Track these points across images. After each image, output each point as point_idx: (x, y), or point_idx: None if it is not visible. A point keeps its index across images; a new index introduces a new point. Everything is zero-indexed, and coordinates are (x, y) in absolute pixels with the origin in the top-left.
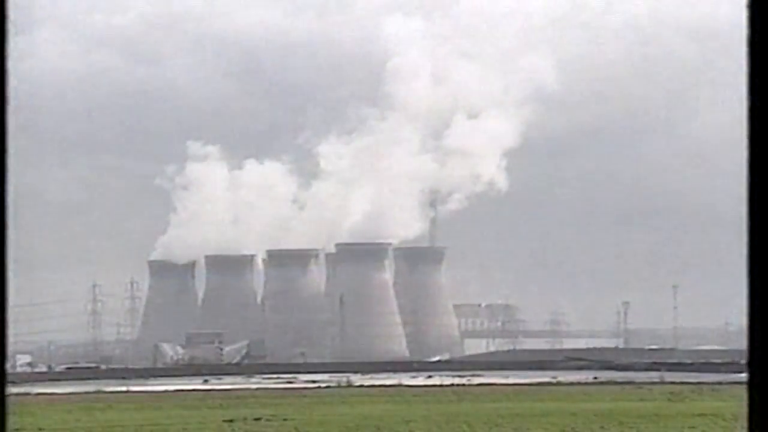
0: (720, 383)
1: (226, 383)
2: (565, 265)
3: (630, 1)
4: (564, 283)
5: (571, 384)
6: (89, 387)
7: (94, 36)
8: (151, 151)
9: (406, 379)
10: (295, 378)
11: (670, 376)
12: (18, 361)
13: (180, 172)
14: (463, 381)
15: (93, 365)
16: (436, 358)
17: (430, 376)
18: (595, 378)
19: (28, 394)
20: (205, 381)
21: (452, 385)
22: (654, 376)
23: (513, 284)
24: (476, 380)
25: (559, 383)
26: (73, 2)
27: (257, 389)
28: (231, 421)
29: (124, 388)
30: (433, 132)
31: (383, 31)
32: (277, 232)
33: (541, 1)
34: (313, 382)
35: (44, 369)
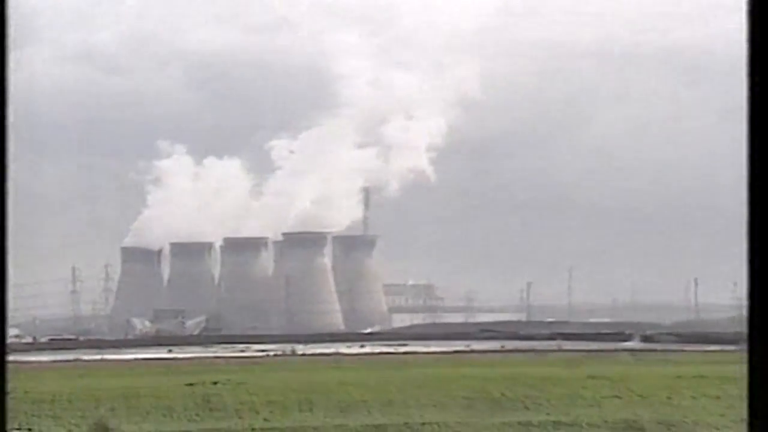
0: (609, 350)
1: (188, 352)
2: (479, 249)
3: (544, 22)
4: (477, 265)
5: (483, 352)
6: (69, 356)
7: (74, 51)
8: (125, 150)
9: (343, 348)
10: (247, 347)
11: (566, 345)
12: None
13: (150, 169)
14: (391, 350)
15: (72, 337)
16: (368, 330)
17: (363, 346)
18: (503, 346)
19: (15, 362)
20: (170, 350)
21: (382, 353)
22: (552, 344)
23: (434, 266)
24: (402, 349)
25: (472, 351)
26: (55, 21)
27: (215, 357)
28: (192, 384)
29: (99, 357)
30: (372, 131)
31: (328, 45)
32: (233, 221)
33: (467, 19)
34: (263, 351)
35: (30, 340)
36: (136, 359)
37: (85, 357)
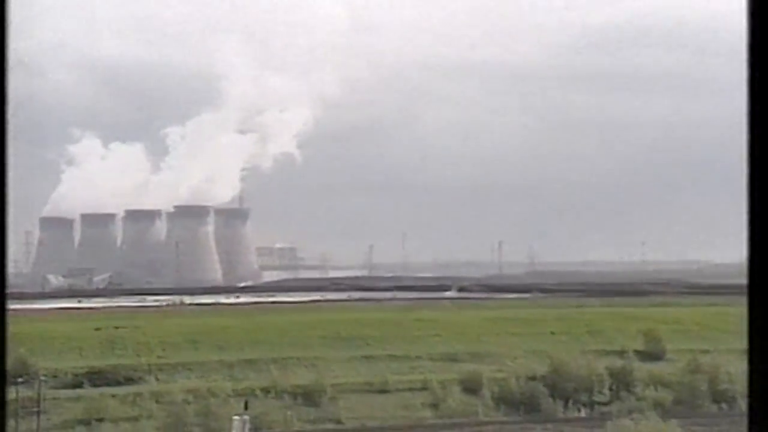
0: (433, 299)
1: (95, 303)
2: (333, 218)
3: (387, 37)
4: (331, 232)
5: (334, 301)
6: None
7: None
8: (43, 137)
9: (222, 299)
10: (144, 299)
11: (400, 295)
12: None
13: (64, 152)
14: (262, 300)
15: None
16: (243, 284)
17: (238, 297)
18: (350, 296)
19: None
20: (80, 301)
21: (254, 303)
22: (389, 294)
23: (297, 233)
24: (270, 299)
25: (326, 300)
26: None
27: (117, 307)
28: (99, 329)
29: (20, 306)
30: (250, 121)
31: (215, 52)
32: (133, 196)
33: (329, 32)
34: (157, 301)
35: None
36: (51, 308)
37: (9, 307)
